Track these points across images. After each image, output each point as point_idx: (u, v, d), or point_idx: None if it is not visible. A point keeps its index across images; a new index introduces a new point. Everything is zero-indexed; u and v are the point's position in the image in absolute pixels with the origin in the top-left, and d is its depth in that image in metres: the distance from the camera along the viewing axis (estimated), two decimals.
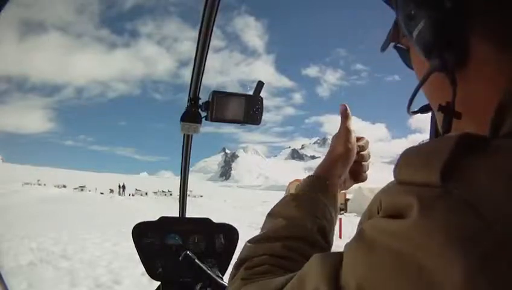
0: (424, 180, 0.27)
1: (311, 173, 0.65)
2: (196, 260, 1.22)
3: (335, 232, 0.61)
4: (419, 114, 0.50)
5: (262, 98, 1.05)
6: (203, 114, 1.11)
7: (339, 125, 0.68)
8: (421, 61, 0.43)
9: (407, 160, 0.30)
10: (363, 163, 0.70)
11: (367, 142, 0.71)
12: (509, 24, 0.37)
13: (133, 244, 1.35)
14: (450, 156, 0.26)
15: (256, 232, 0.58)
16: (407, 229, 0.25)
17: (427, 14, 0.39)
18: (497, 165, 0.26)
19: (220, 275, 1.29)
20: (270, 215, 0.61)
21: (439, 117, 0.41)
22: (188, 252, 1.23)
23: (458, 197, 0.24)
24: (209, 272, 1.22)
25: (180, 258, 1.22)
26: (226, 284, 1.22)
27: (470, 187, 0.25)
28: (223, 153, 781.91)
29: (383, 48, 0.54)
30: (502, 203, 0.23)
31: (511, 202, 0.23)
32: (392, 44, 0.52)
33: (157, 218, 1.43)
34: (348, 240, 0.31)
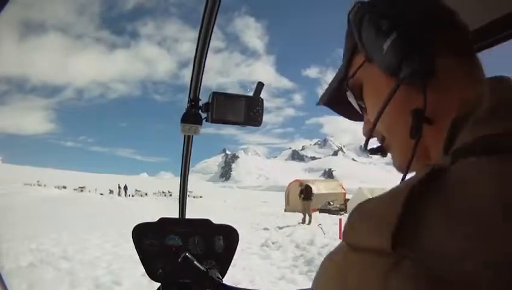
0: (376, 246, 0.26)
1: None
2: (195, 262, 1.22)
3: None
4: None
5: (262, 99, 1.05)
6: (204, 115, 1.11)
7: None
8: (382, 82, 0.45)
9: (356, 221, 0.30)
10: None
11: None
12: (463, 37, 0.44)
13: (133, 245, 1.35)
14: (400, 218, 0.26)
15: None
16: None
17: (397, 28, 0.43)
18: (447, 211, 0.26)
19: (220, 277, 1.29)
20: None
21: (407, 124, 0.42)
22: (187, 253, 1.23)
23: (413, 265, 0.24)
24: (208, 273, 1.22)
25: (180, 260, 1.22)
26: (226, 285, 1.23)
27: (420, 249, 0.25)
28: (223, 154, 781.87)
29: (325, 99, 0.57)
30: (457, 259, 0.23)
31: (465, 256, 0.23)
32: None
33: (157, 219, 1.43)
34: None
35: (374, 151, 0.52)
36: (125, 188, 45.35)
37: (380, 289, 0.25)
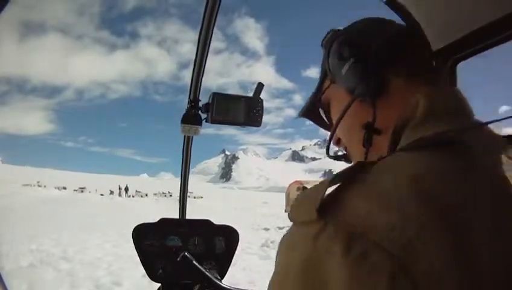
0: (307, 219, 0.34)
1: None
2: (194, 262, 1.21)
3: None
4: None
5: (262, 100, 1.05)
6: (204, 116, 1.11)
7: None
8: (343, 100, 0.54)
9: (296, 204, 0.38)
10: None
11: None
12: (413, 64, 0.51)
13: (133, 246, 1.35)
14: (322, 198, 0.34)
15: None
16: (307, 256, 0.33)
17: (355, 55, 0.52)
18: (365, 187, 0.35)
19: (219, 277, 1.28)
20: None
21: (361, 136, 0.52)
22: (186, 253, 1.23)
23: (334, 226, 0.32)
24: (206, 273, 1.21)
25: (178, 259, 1.21)
26: (224, 285, 1.22)
27: (343, 214, 0.33)
28: (223, 154, 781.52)
29: (303, 113, 0.66)
30: (366, 217, 0.31)
31: (372, 215, 0.31)
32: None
33: (157, 219, 1.43)
34: None
35: (338, 158, 0.63)
36: (126, 189, 45.33)
37: (312, 248, 0.32)
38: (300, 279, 0.33)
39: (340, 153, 0.63)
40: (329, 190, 0.36)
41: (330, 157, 0.63)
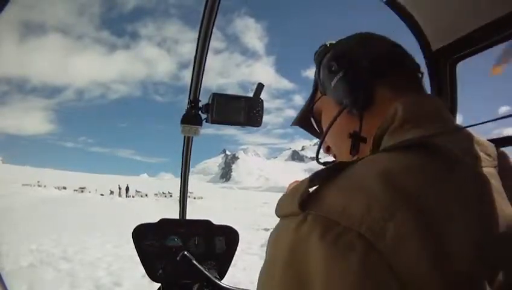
0: (290, 211, 0.39)
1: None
2: (193, 261, 1.21)
3: None
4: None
5: (262, 100, 1.05)
6: (204, 116, 1.11)
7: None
8: (333, 110, 0.58)
9: (281, 201, 0.43)
10: None
11: None
12: (399, 76, 0.54)
13: (133, 246, 1.35)
14: (304, 192, 0.38)
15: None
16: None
17: (344, 68, 0.55)
18: (341, 183, 0.39)
19: (218, 277, 1.28)
20: None
21: (348, 143, 0.55)
22: (185, 252, 1.22)
23: (313, 217, 0.36)
24: (205, 272, 1.21)
25: (178, 258, 1.21)
26: (223, 285, 1.22)
27: (321, 207, 0.37)
28: (223, 154, 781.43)
29: (296, 122, 0.71)
30: (339, 208, 0.36)
31: (344, 206, 0.36)
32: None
33: (157, 220, 1.43)
34: None
35: (327, 164, 0.65)
36: (127, 189, 45.27)
37: (294, 236, 0.37)
38: (286, 263, 0.37)
39: (330, 160, 0.67)
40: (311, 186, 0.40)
41: (320, 163, 0.66)
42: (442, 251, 0.34)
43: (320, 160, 0.67)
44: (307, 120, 0.70)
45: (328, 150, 0.65)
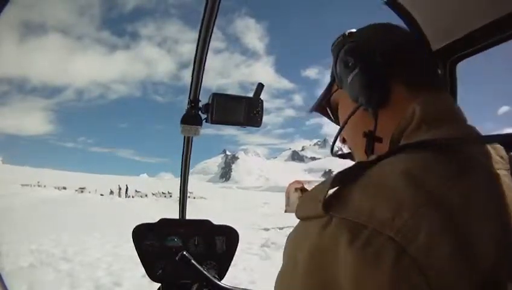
0: (313, 214, 0.38)
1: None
2: (192, 261, 1.21)
3: None
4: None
5: (262, 100, 1.05)
6: (204, 116, 1.11)
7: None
8: (348, 105, 0.57)
9: (301, 202, 0.42)
10: None
11: None
12: (415, 73, 0.53)
13: (133, 246, 1.35)
14: (327, 194, 0.37)
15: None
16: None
17: (360, 65, 0.54)
18: (364, 184, 0.38)
19: (217, 276, 1.28)
20: None
21: (363, 142, 0.55)
22: (184, 252, 1.22)
23: (338, 221, 0.35)
24: (204, 272, 1.21)
25: (177, 258, 1.21)
26: (222, 285, 1.22)
27: (346, 210, 0.36)
28: (223, 154, 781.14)
29: (313, 109, 0.69)
30: (366, 210, 0.35)
31: (371, 208, 0.35)
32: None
33: (157, 220, 1.42)
34: None
35: (343, 156, 0.67)
36: (126, 189, 45.16)
37: (319, 239, 0.36)
38: (309, 268, 0.36)
39: (345, 152, 0.66)
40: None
41: (335, 156, 0.66)
42: (472, 252, 0.33)
43: (343, 150, 0.66)
44: (323, 109, 0.69)
45: (344, 141, 0.65)
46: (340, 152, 0.67)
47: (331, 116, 0.69)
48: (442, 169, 0.39)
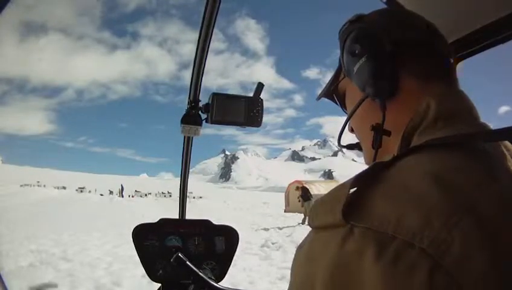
0: (331, 222, 0.34)
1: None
2: (187, 262, 1.20)
3: None
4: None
5: (262, 100, 1.05)
6: (204, 116, 1.11)
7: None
8: (356, 95, 0.54)
9: (316, 209, 0.37)
10: None
11: None
12: (428, 63, 0.49)
13: (133, 246, 1.35)
14: (346, 200, 0.33)
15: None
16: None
17: (367, 53, 0.50)
18: (386, 188, 0.34)
19: (214, 277, 1.28)
20: None
21: (371, 135, 0.51)
22: (179, 254, 1.20)
23: (362, 231, 0.31)
24: (200, 273, 1.20)
25: (172, 259, 1.20)
26: (218, 286, 1.22)
27: (369, 218, 0.32)
28: (223, 154, 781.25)
29: (320, 97, 0.67)
30: (392, 218, 0.31)
31: (398, 216, 0.31)
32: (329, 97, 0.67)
33: (156, 219, 1.42)
34: None
35: (351, 147, 0.63)
36: (122, 189, 44.70)
37: (339, 254, 0.31)
38: (328, 285, 0.31)
39: (354, 143, 0.62)
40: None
41: (343, 147, 0.63)
42: (510, 267, 0.29)
43: (343, 150, 0.64)
44: (331, 96, 0.66)
45: (352, 131, 0.61)
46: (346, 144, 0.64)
47: (339, 104, 0.66)
48: (473, 171, 0.35)
